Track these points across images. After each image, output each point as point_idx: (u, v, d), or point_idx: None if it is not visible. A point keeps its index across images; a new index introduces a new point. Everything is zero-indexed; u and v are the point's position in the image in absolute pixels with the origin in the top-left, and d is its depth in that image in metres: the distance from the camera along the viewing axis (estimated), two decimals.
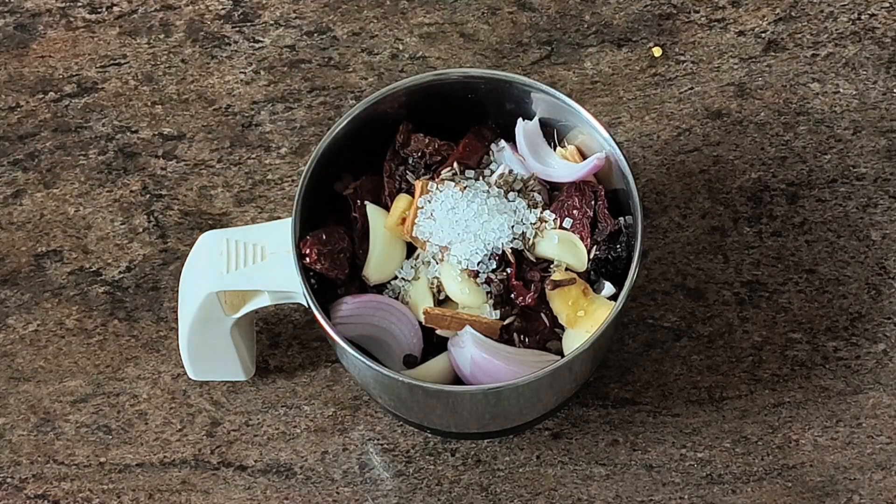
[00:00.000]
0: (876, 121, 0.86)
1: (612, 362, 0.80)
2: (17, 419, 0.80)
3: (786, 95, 0.87)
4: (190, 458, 0.79)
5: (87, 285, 0.83)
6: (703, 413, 0.79)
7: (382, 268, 0.73)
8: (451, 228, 0.71)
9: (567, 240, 0.72)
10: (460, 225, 0.71)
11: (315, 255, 0.71)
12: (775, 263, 0.83)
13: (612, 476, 0.78)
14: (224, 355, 0.77)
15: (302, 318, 0.82)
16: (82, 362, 0.82)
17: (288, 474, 0.78)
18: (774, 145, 0.86)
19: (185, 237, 0.84)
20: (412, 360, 0.72)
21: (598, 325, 0.69)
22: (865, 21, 0.89)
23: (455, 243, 0.71)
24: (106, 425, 0.80)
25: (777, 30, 0.89)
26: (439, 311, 0.71)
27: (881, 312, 0.81)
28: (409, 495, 0.78)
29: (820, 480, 0.77)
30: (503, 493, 0.78)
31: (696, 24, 0.89)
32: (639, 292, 0.82)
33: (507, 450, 0.79)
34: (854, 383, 0.80)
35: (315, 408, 0.80)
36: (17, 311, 0.83)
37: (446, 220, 0.71)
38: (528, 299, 0.71)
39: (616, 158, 0.73)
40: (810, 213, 0.84)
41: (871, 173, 0.85)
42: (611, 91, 0.87)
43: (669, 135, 0.86)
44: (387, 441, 0.79)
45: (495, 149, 0.75)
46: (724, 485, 0.78)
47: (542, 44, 0.89)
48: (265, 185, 0.85)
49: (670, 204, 0.84)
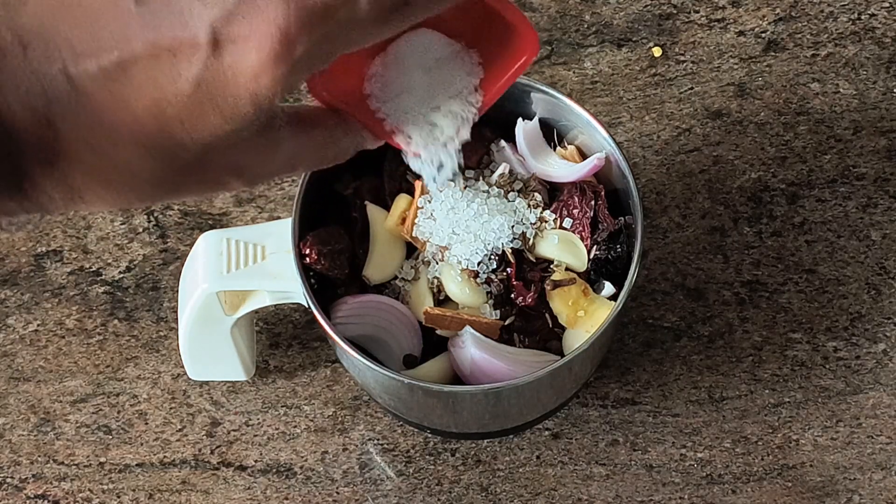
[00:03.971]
0: (876, 121, 0.86)
1: (612, 362, 0.80)
2: (17, 419, 0.80)
3: (786, 95, 0.87)
4: (190, 458, 0.79)
5: (87, 285, 0.83)
6: (703, 413, 0.79)
7: (382, 268, 0.73)
8: (451, 228, 0.71)
9: (567, 240, 0.72)
10: (460, 225, 0.71)
11: (315, 255, 0.71)
12: (775, 263, 0.83)
13: (612, 476, 0.78)
14: (224, 355, 0.77)
15: (302, 318, 0.82)
16: (82, 362, 0.82)
17: (288, 474, 0.78)
18: (774, 145, 0.86)
19: (185, 237, 0.84)
20: (412, 360, 0.72)
21: (598, 325, 0.69)
22: (865, 21, 0.89)
23: (455, 243, 0.71)
24: (106, 425, 0.80)
25: (777, 30, 0.89)
26: (439, 311, 0.71)
27: (881, 312, 0.81)
28: (409, 495, 0.78)
29: (820, 480, 0.78)
30: (503, 493, 0.78)
31: (696, 24, 0.89)
32: (639, 292, 0.82)
33: (507, 450, 0.79)
34: (854, 383, 0.80)
35: (315, 408, 0.80)
36: (17, 311, 0.83)
37: (446, 220, 0.71)
38: (528, 299, 0.71)
39: (616, 158, 0.73)
40: (810, 213, 0.84)
41: (871, 173, 0.85)
42: (611, 91, 0.87)
43: (669, 135, 0.86)
44: (387, 441, 0.79)
45: (495, 149, 0.75)
46: (724, 485, 0.78)
47: (542, 44, 0.89)
48: (265, 185, 0.85)
49: (670, 204, 0.84)
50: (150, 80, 0.46)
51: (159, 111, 0.46)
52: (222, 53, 0.46)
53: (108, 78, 0.46)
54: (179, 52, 0.46)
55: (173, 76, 0.46)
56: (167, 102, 0.46)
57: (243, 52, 0.46)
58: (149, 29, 0.45)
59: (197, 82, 0.46)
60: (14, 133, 0.46)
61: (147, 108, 0.46)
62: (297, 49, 0.46)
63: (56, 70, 0.45)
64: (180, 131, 0.47)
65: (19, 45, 0.45)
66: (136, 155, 0.47)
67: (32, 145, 0.46)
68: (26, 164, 0.46)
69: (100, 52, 0.46)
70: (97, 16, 0.45)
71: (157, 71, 0.46)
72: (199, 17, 0.45)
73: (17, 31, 0.45)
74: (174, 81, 0.46)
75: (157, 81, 0.46)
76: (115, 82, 0.46)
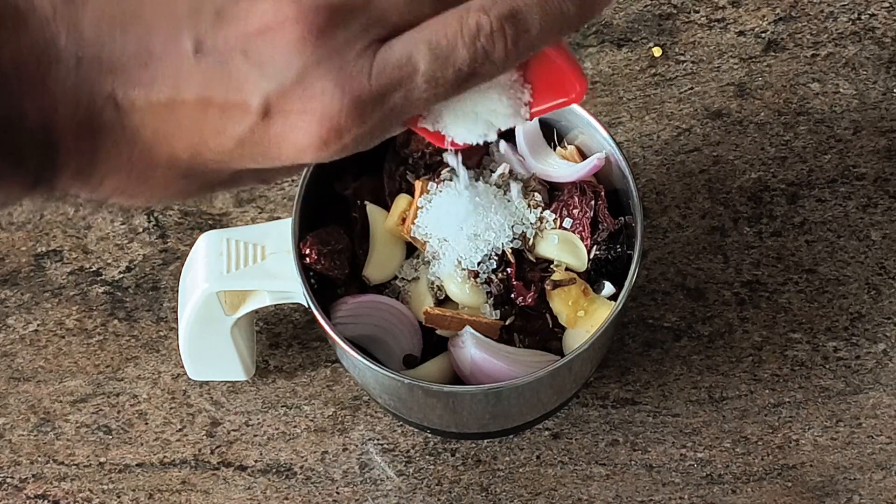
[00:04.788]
0: (876, 121, 0.86)
1: (612, 362, 0.80)
2: (17, 419, 0.80)
3: (786, 95, 0.87)
4: (190, 458, 0.79)
5: (87, 285, 0.83)
6: (703, 413, 0.79)
7: (382, 268, 0.73)
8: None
9: (567, 240, 0.72)
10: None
11: (315, 255, 0.71)
12: (775, 263, 0.83)
13: (612, 476, 0.78)
14: (224, 355, 0.77)
15: (302, 318, 0.82)
16: (82, 362, 0.82)
17: (288, 474, 0.78)
18: (774, 145, 0.86)
19: (185, 237, 0.84)
20: (412, 360, 0.72)
21: (598, 325, 0.69)
22: (865, 21, 0.89)
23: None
24: (106, 425, 0.80)
25: (777, 30, 0.89)
26: (439, 311, 0.71)
27: (881, 312, 0.81)
28: (409, 495, 0.78)
29: (820, 480, 0.77)
30: (503, 493, 0.78)
31: (696, 24, 0.89)
32: (639, 292, 0.82)
33: (507, 450, 0.79)
34: (854, 383, 0.80)
35: (315, 408, 0.80)
36: (17, 311, 0.83)
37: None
38: (528, 299, 0.71)
39: (616, 158, 0.73)
40: (810, 213, 0.84)
41: (871, 173, 0.85)
42: (611, 91, 0.87)
43: (669, 135, 0.86)
44: (387, 441, 0.79)
45: (495, 149, 0.75)
46: (724, 485, 0.78)
47: None
48: (265, 185, 0.85)
49: (670, 204, 0.84)
50: (195, 128, 0.46)
51: (198, 153, 0.46)
52: (271, 124, 0.45)
53: (154, 114, 0.46)
54: (228, 112, 0.45)
55: (218, 130, 0.46)
56: (208, 149, 0.46)
57: (292, 129, 0.45)
58: (204, 81, 0.45)
59: (241, 141, 0.46)
60: (56, 141, 0.45)
61: (186, 149, 0.46)
62: (345, 137, 0.46)
63: (106, 93, 0.45)
64: (217, 166, 0.47)
65: (74, 57, 0.45)
66: (169, 177, 0.47)
67: (70, 154, 0.46)
68: (59, 169, 0.46)
69: (151, 87, 0.45)
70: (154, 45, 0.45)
71: (204, 122, 0.46)
72: (255, 84, 0.45)
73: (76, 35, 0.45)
74: (218, 135, 0.46)
75: (201, 131, 0.46)
76: (160, 120, 0.46)
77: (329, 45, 0.45)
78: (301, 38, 0.44)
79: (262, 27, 0.45)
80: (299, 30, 0.44)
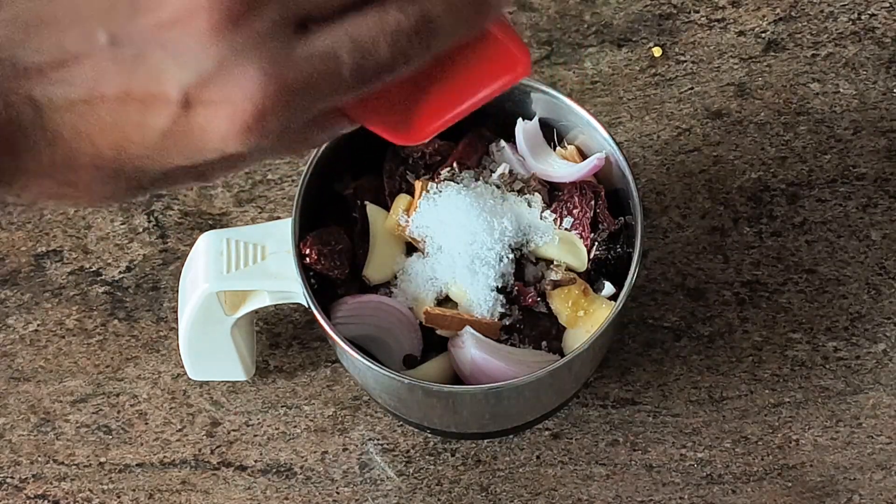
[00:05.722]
0: (876, 121, 0.86)
1: (612, 362, 0.80)
2: (17, 419, 0.80)
3: (786, 95, 0.87)
4: (190, 458, 0.79)
5: (87, 285, 0.83)
6: (703, 413, 0.79)
7: (382, 268, 0.73)
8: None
9: (567, 240, 0.72)
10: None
11: (315, 255, 0.71)
12: (775, 263, 0.83)
13: (612, 476, 0.78)
14: (224, 355, 0.77)
15: (302, 318, 0.82)
16: (82, 362, 0.82)
17: (288, 474, 0.78)
18: (774, 145, 0.86)
19: (185, 237, 0.84)
20: (412, 360, 0.72)
21: (598, 325, 0.69)
22: (865, 21, 0.89)
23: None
24: (106, 425, 0.80)
25: (777, 30, 0.89)
26: (439, 311, 0.71)
27: (881, 312, 0.81)
28: (409, 495, 0.78)
29: (820, 480, 0.77)
30: (503, 493, 0.78)
31: (696, 24, 0.89)
32: (639, 292, 0.82)
33: (507, 450, 0.79)
34: (854, 383, 0.80)
35: (315, 408, 0.80)
36: (17, 311, 0.83)
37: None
38: (528, 299, 0.71)
39: (616, 158, 0.73)
40: (810, 213, 0.84)
41: (871, 173, 0.85)
42: (611, 91, 0.87)
43: (669, 135, 0.86)
44: (387, 441, 0.79)
45: (495, 149, 0.75)
46: (724, 485, 0.78)
47: (542, 44, 0.89)
48: (265, 185, 0.85)
49: (670, 204, 0.84)
50: (117, 123, 0.45)
51: (122, 149, 0.46)
52: (193, 114, 0.45)
53: (73, 112, 0.45)
54: (149, 104, 0.45)
55: (140, 124, 0.45)
56: (131, 143, 0.46)
57: (214, 118, 0.45)
58: (122, 74, 0.44)
59: (164, 134, 0.45)
60: None
61: (110, 146, 0.46)
62: (270, 123, 0.45)
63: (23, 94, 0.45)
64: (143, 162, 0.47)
65: None
66: (97, 177, 0.47)
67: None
68: None
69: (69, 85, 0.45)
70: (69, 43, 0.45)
71: (125, 117, 0.45)
72: (173, 75, 0.44)
73: None
74: (140, 130, 0.45)
75: (123, 126, 0.45)
76: (80, 117, 0.45)
77: (246, 33, 0.44)
78: (216, 26, 0.44)
79: (176, 17, 0.44)
80: (214, 18, 0.44)
